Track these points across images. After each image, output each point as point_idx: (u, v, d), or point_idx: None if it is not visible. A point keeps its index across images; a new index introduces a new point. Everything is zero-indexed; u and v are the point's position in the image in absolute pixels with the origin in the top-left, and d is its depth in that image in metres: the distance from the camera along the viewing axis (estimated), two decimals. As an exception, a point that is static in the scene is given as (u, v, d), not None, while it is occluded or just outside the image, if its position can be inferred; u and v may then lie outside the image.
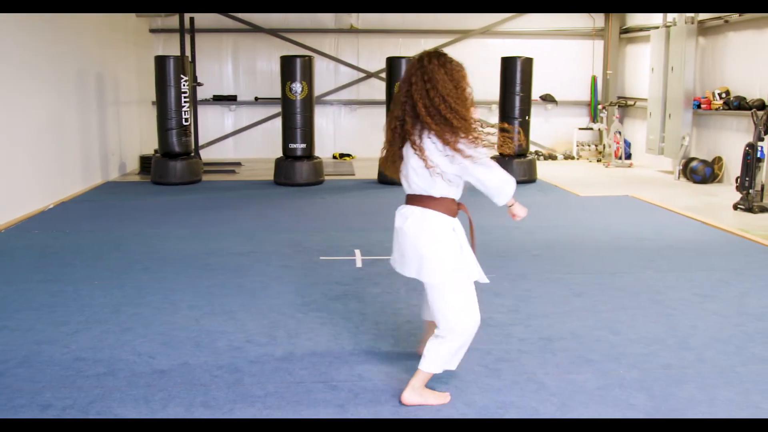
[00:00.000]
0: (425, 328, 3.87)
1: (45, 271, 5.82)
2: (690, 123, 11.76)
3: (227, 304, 4.98)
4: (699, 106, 11.55)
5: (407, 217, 3.39)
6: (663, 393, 3.57)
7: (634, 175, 12.19)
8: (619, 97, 14.78)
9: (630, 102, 14.15)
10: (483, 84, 14.78)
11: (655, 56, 12.62)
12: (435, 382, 3.63)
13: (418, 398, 3.40)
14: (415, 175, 3.31)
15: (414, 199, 3.38)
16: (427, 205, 3.33)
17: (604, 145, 14.54)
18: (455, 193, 3.40)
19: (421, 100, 3.19)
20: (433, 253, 3.31)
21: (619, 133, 13.76)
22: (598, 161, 14.24)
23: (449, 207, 3.38)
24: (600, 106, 14.74)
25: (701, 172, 11.14)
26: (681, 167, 11.61)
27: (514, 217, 3.56)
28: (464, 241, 3.44)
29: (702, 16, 11.48)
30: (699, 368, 3.88)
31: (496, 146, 3.49)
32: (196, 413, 3.33)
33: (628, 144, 14.27)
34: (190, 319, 4.66)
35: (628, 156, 14.15)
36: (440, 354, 3.36)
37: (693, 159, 11.44)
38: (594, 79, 15.10)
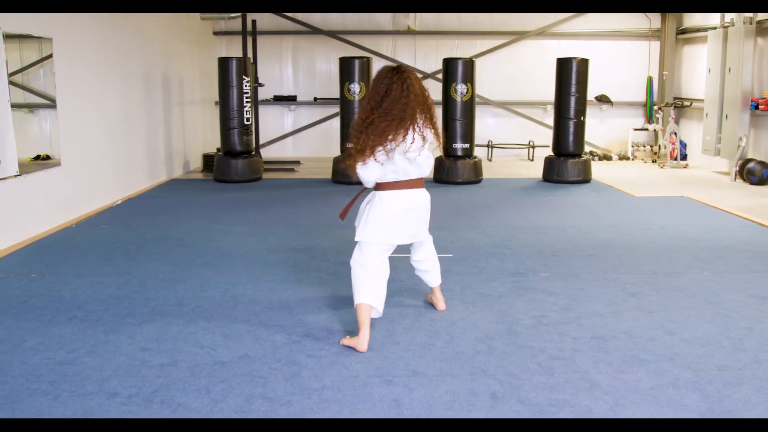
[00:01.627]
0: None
1: (112, 265, 5.95)
2: (747, 124, 11.46)
3: (286, 299, 5.02)
4: (757, 107, 11.24)
5: (423, 197, 4.22)
6: (717, 394, 3.48)
7: (690, 176, 11.92)
8: (675, 98, 14.47)
9: (686, 103, 13.85)
10: (538, 85, 14.70)
11: (712, 57, 12.33)
12: (490, 379, 3.61)
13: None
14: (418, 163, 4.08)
15: (417, 183, 4.17)
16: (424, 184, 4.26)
17: (659, 145, 14.26)
18: None
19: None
20: None
21: (675, 133, 13.48)
22: (653, 162, 13.97)
23: None
24: (656, 107, 14.47)
25: (758, 173, 10.83)
26: (737, 168, 11.31)
27: None
28: None
29: (761, 16, 11.17)
30: (754, 370, 3.77)
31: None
32: (254, 404, 3.37)
33: (683, 145, 13.96)
34: (250, 312, 4.71)
35: (684, 157, 13.84)
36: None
37: (750, 160, 11.14)
38: (650, 80, 14.82)
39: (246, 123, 11.10)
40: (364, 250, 4.21)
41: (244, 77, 11.01)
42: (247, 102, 11.09)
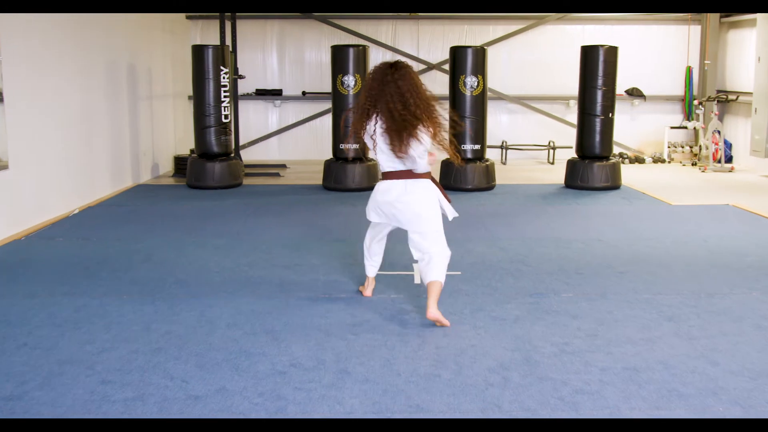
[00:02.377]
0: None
1: (69, 284, 5.94)
2: (802, 121, 11.49)
3: (270, 322, 5.01)
4: (813, 102, 11.28)
5: (401, 189, 5.04)
6: (770, 434, 3.47)
7: (736, 181, 11.93)
8: (719, 91, 14.51)
9: (731, 96, 13.88)
10: (560, 77, 14.74)
11: (762, 43, 12.35)
12: (505, 416, 3.59)
13: (438, 312, 4.89)
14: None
15: (399, 175, 5.04)
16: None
17: (700, 146, 14.28)
18: None
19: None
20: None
21: (719, 132, 13.51)
22: (693, 165, 13.99)
23: None
24: (696, 102, 14.49)
25: (815, 178, 10.86)
26: (791, 172, 11.33)
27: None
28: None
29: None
30: (812, 406, 3.77)
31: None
32: (233, 445, 3.36)
33: (728, 145, 13.98)
34: (228, 338, 4.70)
35: (729, 159, 13.86)
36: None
37: (805, 163, 11.17)
38: (689, 71, 14.86)
39: (224, 121, 11.12)
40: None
41: (221, 68, 11.03)
42: (225, 97, 11.11)
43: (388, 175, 5.05)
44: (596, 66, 10.93)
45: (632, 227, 8.27)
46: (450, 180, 10.77)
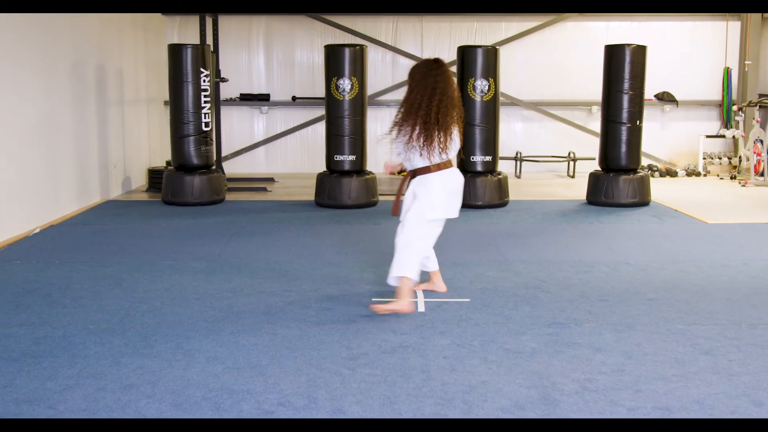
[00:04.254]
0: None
1: (28, 312, 5.93)
2: None
3: (255, 356, 5.01)
4: None
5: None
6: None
7: (780, 197, 11.97)
8: (761, 95, 14.55)
9: (774, 102, 13.93)
10: (581, 80, 14.79)
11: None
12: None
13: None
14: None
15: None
16: None
17: (740, 157, 14.32)
18: None
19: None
20: None
21: (761, 142, 13.54)
22: (732, 178, 14.02)
23: None
24: (735, 107, 14.54)
25: None
26: (842, 187, 11.35)
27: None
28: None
29: None
30: None
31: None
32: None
33: (771, 156, 14.02)
34: (208, 374, 4.69)
35: (772, 172, 13.90)
36: None
37: None
38: (727, 72, 14.91)
39: (204, 129, 11.14)
40: None
41: (201, 70, 11.06)
42: (205, 102, 11.14)
43: (441, 166, 6.05)
44: (622, 67, 10.97)
45: (663, 249, 8.27)
46: (458, 195, 10.78)
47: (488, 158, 10.85)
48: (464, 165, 10.80)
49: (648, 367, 4.83)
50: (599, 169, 11.39)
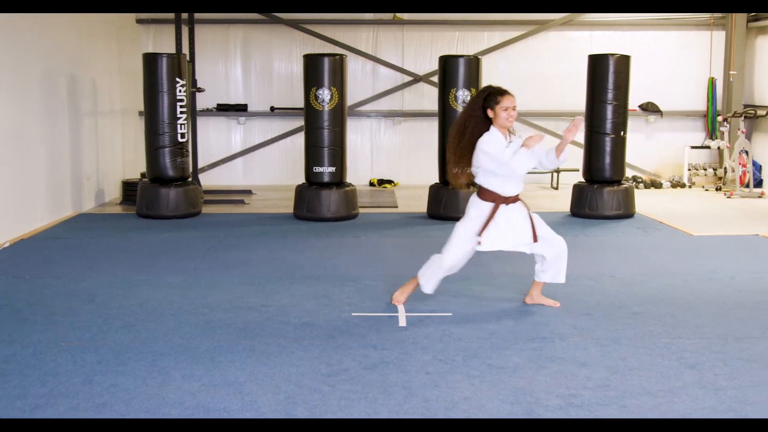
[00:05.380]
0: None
1: None
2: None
3: (232, 373, 4.99)
4: None
5: None
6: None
7: (767, 208, 12.02)
8: (747, 106, 14.65)
9: (761, 112, 14.02)
10: (564, 90, 14.84)
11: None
12: None
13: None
14: None
15: None
16: None
17: (725, 168, 14.40)
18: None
19: None
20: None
21: (746, 152, 13.62)
22: (717, 190, 14.10)
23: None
24: (720, 118, 14.63)
25: None
26: (829, 198, 11.43)
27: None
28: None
29: None
30: None
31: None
32: None
33: (758, 167, 14.10)
34: (184, 392, 4.67)
35: (759, 183, 13.97)
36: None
37: None
38: (712, 83, 15.01)
39: (180, 140, 11.11)
40: None
41: (177, 80, 11.04)
42: (182, 113, 11.11)
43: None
44: (606, 78, 11.03)
45: (648, 262, 8.30)
46: (440, 207, 10.80)
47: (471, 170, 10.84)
48: (446, 177, 10.82)
49: (633, 382, 4.84)
50: (583, 180, 11.43)
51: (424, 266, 6.43)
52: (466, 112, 6.25)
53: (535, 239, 6.23)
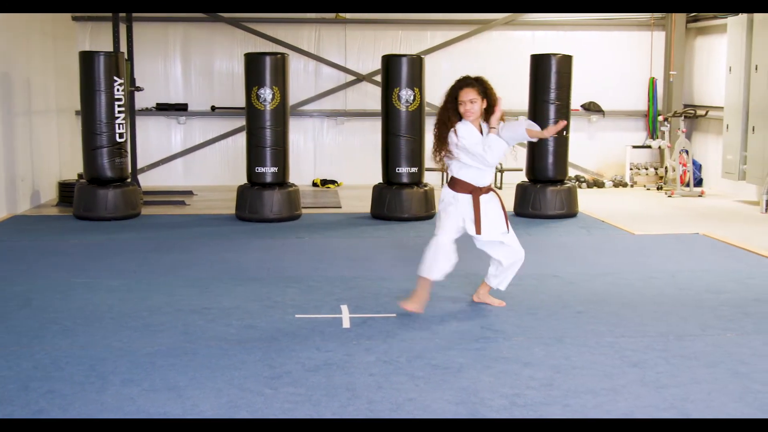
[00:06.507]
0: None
1: (-68, 334, 5.79)
2: (779, 139, 11.80)
3: (173, 377, 4.95)
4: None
5: None
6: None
7: (707, 207, 12.21)
8: (686, 106, 14.86)
9: (700, 112, 14.22)
10: (507, 89, 14.77)
11: (733, 51, 12.70)
12: None
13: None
14: None
15: None
16: None
17: (666, 168, 14.59)
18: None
19: None
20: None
21: (686, 152, 13.81)
22: (658, 189, 14.28)
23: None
24: (661, 118, 14.82)
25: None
26: (768, 197, 11.63)
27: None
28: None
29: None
30: (795, 462, 3.85)
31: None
32: None
33: (697, 166, 14.31)
34: (123, 397, 4.62)
35: (699, 182, 14.18)
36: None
37: (783, 186, 11.47)
38: (653, 83, 15.21)
39: (119, 140, 11.00)
40: None
41: (115, 78, 10.92)
42: (120, 112, 10.99)
43: None
44: (548, 77, 11.12)
45: (591, 261, 8.38)
46: (384, 208, 10.81)
47: (414, 169, 10.89)
48: (389, 177, 10.84)
49: (577, 381, 4.89)
50: (526, 180, 11.52)
51: (421, 262, 6.39)
52: (443, 105, 6.32)
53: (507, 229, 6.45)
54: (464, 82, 6.24)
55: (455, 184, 6.36)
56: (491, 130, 6.24)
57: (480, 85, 6.24)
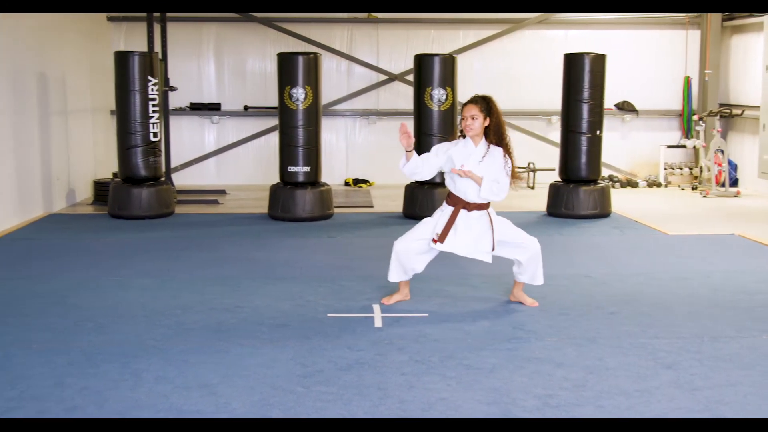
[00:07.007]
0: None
1: (-31, 331, 5.85)
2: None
3: (205, 375, 4.97)
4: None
5: None
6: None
7: (743, 208, 12.10)
8: (722, 105, 14.74)
9: (736, 111, 14.11)
10: (540, 89, 14.86)
11: (770, 50, 12.58)
12: None
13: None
14: None
15: None
16: None
17: (701, 167, 14.49)
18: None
19: None
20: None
21: (722, 152, 13.70)
22: (693, 189, 14.18)
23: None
24: (696, 117, 14.71)
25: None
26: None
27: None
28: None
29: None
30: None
31: None
32: None
33: (733, 166, 14.19)
34: (157, 394, 4.65)
35: (734, 182, 14.06)
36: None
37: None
38: (687, 82, 15.09)
39: (153, 139, 11.06)
40: None
41: (149, 78, 10.99)
42: (154, 112, 11.05)
43: None
44: (581, 77, 11.06)
45: (624, 261, 8.34)
46: (415, 208, 10.79)
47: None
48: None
49: (610, 382, 4.86)
50: (559, 180, 11.47)
51: None
52: None
53: (493, 248, 6.36)
54: (470, 99, 6.39)
55: (447, 196, 6.46)
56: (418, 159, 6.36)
57: (484, 102, 6.35)
